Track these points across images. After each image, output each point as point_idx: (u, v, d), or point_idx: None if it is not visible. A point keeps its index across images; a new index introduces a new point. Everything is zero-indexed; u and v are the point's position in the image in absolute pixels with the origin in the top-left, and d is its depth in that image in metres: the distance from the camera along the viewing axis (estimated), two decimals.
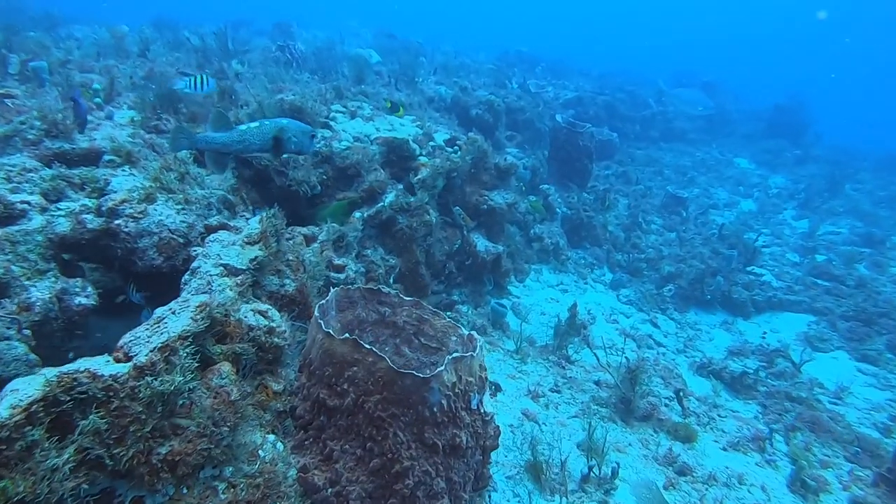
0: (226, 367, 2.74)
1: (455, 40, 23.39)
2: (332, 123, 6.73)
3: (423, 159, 6.87)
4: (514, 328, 7.44)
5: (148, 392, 2.27)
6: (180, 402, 2.39)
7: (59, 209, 3.86)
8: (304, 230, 5.57)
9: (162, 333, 2.48)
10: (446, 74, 14.26)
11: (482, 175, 8.10)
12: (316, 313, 3.15)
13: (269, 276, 4.00)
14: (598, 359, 6.65)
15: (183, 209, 4.05)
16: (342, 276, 5.13)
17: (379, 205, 6.13)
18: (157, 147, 5.07)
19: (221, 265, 3.50)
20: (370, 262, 5.99)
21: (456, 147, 7.54)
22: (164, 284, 3.71)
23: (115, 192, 4.00)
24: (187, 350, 2.48)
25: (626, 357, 6.90)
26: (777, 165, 17.80)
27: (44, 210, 3.86)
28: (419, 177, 6.58)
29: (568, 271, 10.23)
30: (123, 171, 4.46)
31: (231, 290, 3.30)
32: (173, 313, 2.67)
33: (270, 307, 3.45)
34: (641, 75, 26.44)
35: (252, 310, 3.32)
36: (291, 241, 4.28)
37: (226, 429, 2.58)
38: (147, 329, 2.62)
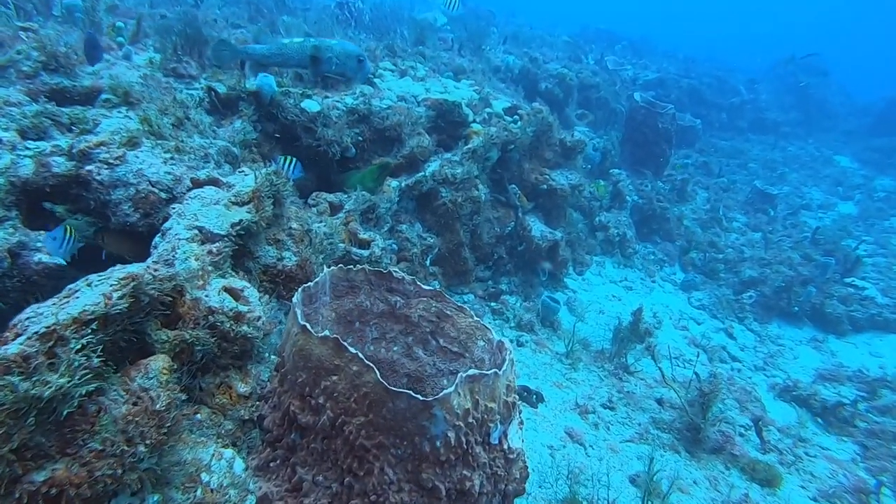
0: (158, 362, 2.03)
1: (531, 15, 22.06)
2: (376, 81, 5.96)
3: (476, 126, 6.01)
4: (567, 327, 6.53)
5: (11, 397, 1.58)
6: (65, 410, 1.70)
7: (28, 149, 3.27)
8: (330, 197, 4.87)
9: (58, 313, 1.79)
10: (516, 45, 13.22)
11: (544, 151, 7.16)
12: (296, 298, 2.40)
13: (265, 246, 3.29)
14: (662, 373, 5.66)
15: (171, 158, 3.38)
16: (366, 252, 4.39)
17: (419, 174, 5.34)
18: (170, 89, 4.46)
19: (196, 228, 2.81)
20: (404, 238, 5.22)
21: (516, 117, 6.62)
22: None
23: (96, 133, 3.38)
24: (87, 339, 1.77)
25: (696, 373, 5.89)
26: (886, 166, 15.77)
27: (13, 149, 3.29)
28: (469, 146, 5.73)
29: (634, 266, 9.16)
30: (119, 112, 3.85)
31: (197, 260, 2.60)
32: (89, 286, 1.98)
33: (248, 285, 2.73)
34: (732, 62, 24.41)
35: (222, 287, 2.60)
36: (296, 207, 3.55)
37: (143, 447, 1.88)
38: (54, 304, 1.95)
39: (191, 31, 5.14)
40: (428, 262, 5.49)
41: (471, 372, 2.20)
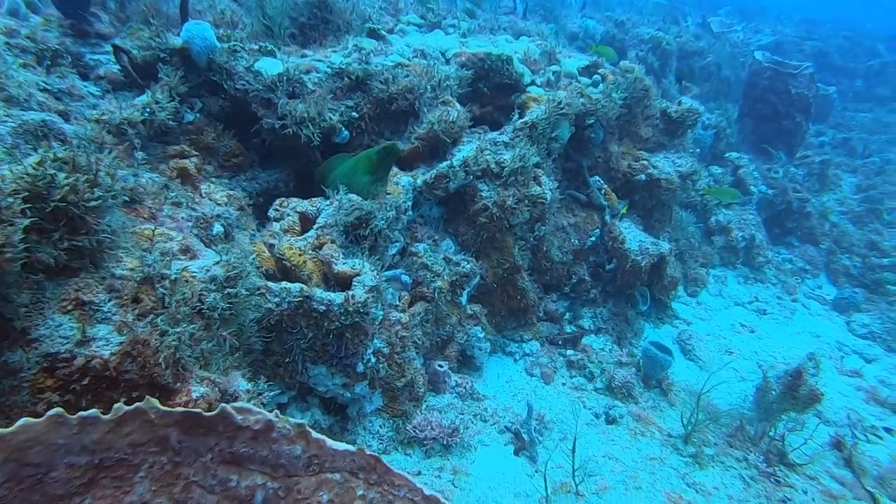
0: None
1: None
2: (394, 38, 4.14)
3: (535, 91, 4.04)
4: (681, 382, 4.41)
5: None
6: None
7: None
8: (303, 205, 3.12)
9: None
10: (597, 9, 11.02)
11: (639, 126, 5.05)
12: None
13: (54, 316, 1.55)
14: (855, 472, 3.46)
15: None
16: (339, 298, 2.56)
17: (444, 164, 3.45)
18: None
19: None
20: (421, 265, 3.36)
21: (597, 77, 4.58)
22: None
23: None
24: None
25: None
26: None
27: None
28: (525, 119, 3.78)
29: (766, 280, 6.80)
30: None
31: None
32: None
33: None
34: (861, 24, 20.66)
35: None
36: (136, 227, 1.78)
37: None
38: None
39: None
40: (464, 300, 3.59)
41: None
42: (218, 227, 2.64)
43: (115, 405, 1.02)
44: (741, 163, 7.49)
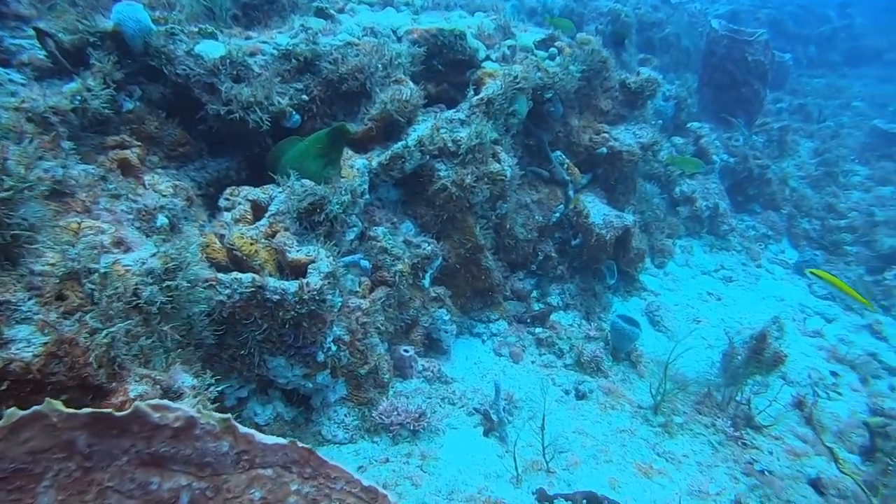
0: None
1: None
2: (336, 14, 4.00)
3: (490, 66, 3.96)
4: (651, 353, 4.45)
5: None
6: None
7: None
8: (254, 192, 3.01)
9: None
10: None
11: (599, 99, 5.01)
12: None
13: None
14: (816, 429, 3.53)
15: None
16: (293, 287, 2.47)
17: (399, 144, 3.36)
18: None
19: None
20: (381, 249, 3.28)
21: (553, 50, 4.52)
22: None
23: None
24: None
25: (867, 425, 3.73)
26: None
27: None
28: (480, 95, 3.70)
29: (731, 248, 6.90)
30: None
31: None
32: None
33: None
34: None
35: None
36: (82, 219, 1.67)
37: None
38: None
39: None
40: (426, 282, 3.53)
41: None
42: (162, 219, 2.51)
43: (9, 410, 0.93)
44: (703, 132, 7.53)
